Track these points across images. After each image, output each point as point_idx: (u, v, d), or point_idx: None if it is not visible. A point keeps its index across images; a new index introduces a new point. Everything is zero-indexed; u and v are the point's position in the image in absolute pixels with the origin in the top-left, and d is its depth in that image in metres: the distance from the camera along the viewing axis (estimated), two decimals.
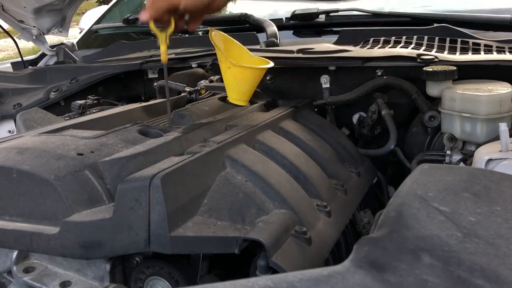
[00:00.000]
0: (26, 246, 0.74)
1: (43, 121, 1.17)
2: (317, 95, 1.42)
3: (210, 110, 1.12)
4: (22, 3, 1.95)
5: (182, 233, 0.67)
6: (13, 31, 2.20)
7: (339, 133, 1.19)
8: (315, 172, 0.93)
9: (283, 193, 0.78)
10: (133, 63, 1.67)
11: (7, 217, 0.78)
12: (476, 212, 0.49)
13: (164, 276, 0.76)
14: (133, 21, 2.10)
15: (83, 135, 0.88)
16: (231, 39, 1.22)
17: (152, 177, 0.67)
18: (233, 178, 0.79)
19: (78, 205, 0.73)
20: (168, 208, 0.66)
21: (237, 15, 1.87)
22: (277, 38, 1.65)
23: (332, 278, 0.38)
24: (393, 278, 0.38)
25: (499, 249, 0.42)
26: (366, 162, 1.19)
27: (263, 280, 0.38)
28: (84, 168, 0.77)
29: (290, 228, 0.73)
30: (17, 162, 0.77)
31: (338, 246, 0.88)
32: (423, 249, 0.42)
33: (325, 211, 0.84)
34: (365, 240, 0.44)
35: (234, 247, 0.66)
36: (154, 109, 1.22)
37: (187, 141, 0.88)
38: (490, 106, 1.03)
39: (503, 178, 0.58)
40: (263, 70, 1.16)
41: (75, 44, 2.28)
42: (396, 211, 0.49)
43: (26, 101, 1.64)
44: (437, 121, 1.20)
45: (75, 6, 2.12)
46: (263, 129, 0.99)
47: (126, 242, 0.68)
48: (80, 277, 0.81)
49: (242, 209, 0.73)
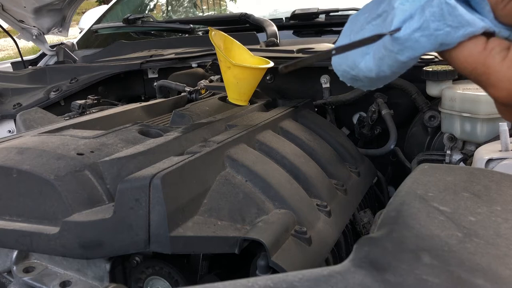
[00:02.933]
0: (26, 246, 0.74)
1: (43, 121, 1.17)
2: (317, 95, 1.42)
3: (210, 110, 1.12)
4: (22, 3, 1.95)
5: (182, 233, 0.67)
6: (13, 31, 2.21)
7: (339, 133, 1.19)
8: (315, 172, 0.93)
9: (283, 193, 0.78)
10: (133, 63, 1.67)
11: (7, 217, 0.78)
12: (476, 212, 0.49)
13: (164, 276, 0.76)
14: (133, 21, 2.10)
15: (83, 135, 0.88)
16: (231, 39, 1.22)
17: (152, 177, 0.67)
18: (233, 178, 0.79)
19: (78, 205, 0.73)
20: (168, 208, 0.66)
21: (237, 15, 1.87)
22: (277, 38, 1.65)
23: (332, 278, 0.38)
24: (393, 278, 0.38)
25: (499, 249, 0.42)
26: (366, 162, 1.19)
27: (263, 280, 0.38)
28: (84, 168, 0.77)
29: (290, 228, 0.73)
30: (17, 162, 0.77)
31: (338, 246, 0.88)
32: (423, 249, 0.42)
33: (325, 211, 0.84)
34: (365, 240, 0.44)
35: (234, 247, 0.66)
36: (154, 109, 1.23)
37: (187, 141, 0.88)
38: (490, 106, 1.03)
39: (503, 178, 0.58)
40: (263, 70, 1.16)
41: (75, 44, 2.29)
42: (396, 211, 0.49)
43: (26, 101, 1.64)
44: (437, 121, 1.20)
45: (75, 6, 2.12)
46: (263, 129, 0.99)
47: (126, 242, 0.68)
48: (80, 277, 0.81)
49: (242, 209, 0.73)
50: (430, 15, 0.36)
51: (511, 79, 0.36)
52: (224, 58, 1.12)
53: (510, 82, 0.36)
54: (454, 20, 0.36)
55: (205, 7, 2.78)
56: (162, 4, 2.78)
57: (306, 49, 1.40)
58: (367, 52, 0.42)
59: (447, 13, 0.36)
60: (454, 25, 0.36)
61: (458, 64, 0.38)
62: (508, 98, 0.36)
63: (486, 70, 0.36)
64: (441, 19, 0.36)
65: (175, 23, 2.10)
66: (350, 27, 0.44)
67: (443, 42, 0.37)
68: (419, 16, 0.37)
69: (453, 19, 0.36)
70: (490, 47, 0.36)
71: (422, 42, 0.38)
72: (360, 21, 0.43)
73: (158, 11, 2.75)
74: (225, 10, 2.71)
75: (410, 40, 0.37)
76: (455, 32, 0.36)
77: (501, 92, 0.36)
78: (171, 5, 2.75)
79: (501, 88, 0.36)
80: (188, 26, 2.03)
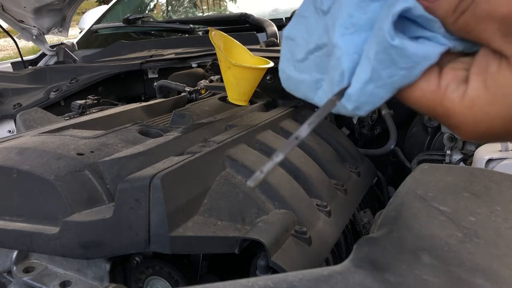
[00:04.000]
0: (26, 246, 0.74)
1: (43, 121, 1.17)
2: None
3: (210, 110, 1.12)
4: (22, 3, 1.95)
5: (182, 233, 0.67)
6: (13, 31, 2.21)
7: (339, 133, 1.19)
8: (315, 172, 0.93)
9: (283, 193, 0.78)
10: (133, 63, 1.67)
11: (7, 217, 0.78)
12: (476, 212, 0.49)
13: (164, 276, 0.76)
14: (133, 21, 2.10)
15: (83, 135, 0.88)
16: (231, 39, 1.22)
17: (152, 177, 0.67)
18: (233, 178, 0.79)
19: (78, 205, 0.73)
20: (168, 208, 0.66)
21: (237, 15, 1.87)
22: (277, 38, 1.65)
23: (332, 278, 0.38)
24: (393, 278, 0.38)
25: (499, 249, 0.42)
26: (366, 162, 1.19)
27: (263, 280, 0.38)
28: (84, 168, 0.77)
29: (290, 228, 0.73)
30: (17, 162, 0.77)
31: (338, 246, 0.88)
32: (423, 249, 0.42)
33: (325, 211, 0.84)
34: (365, 240, 0.44)
35: (234, 247, 0.66)
36: (154, 109, 1.22)
37: (187, 141, 0.88)
38: None
39: (503, 178, 0.58)
40: (263, 70, 1.16)
41: (75, 44, 2.29)
42: (396, 211, 0.49)
43: (26, 101, 1.64)
44: (437, 121, 1.20)
45: (75, 6, 2.12)
46: (263, 129, 0.99)
47: (126, 242, 0.68)
48: (80, 277, 0.81)
49: (242, 209, 0.73)
50: (378, 62, 0.31)
51: (475, 121, 0.30)
52: (224, 58, 1.11)
53: (475, 125, 0.30)
54: (407, 60, 0.31)
55: (205, 7, 2.78)
56: (162, 4, 2.78)
57: None
58: (317, 86, 0.36)
59: (396, 56, 0.30)
60: (409, 66, 0.31)
61: (414, 105, 0.33)
62: (477, 139, 0.31)
63: (445, 112, 0.31)
64: (391, 64, 0.31)
65: (175, 23, 2.10)
66: (290, 50, 0.38)
67: (401, 87, 0.32)
68: (366, 64, 0.32)
69: (405, 60, 0.31)
70: (444, 85, 0.31)
71: (378, 94, 0.32)
72: (300, 45, 0.37)
73: (158, 11, 2.75)
74: (225, 10, 2.71)
75: (364, 94, 0.32)
76: (412, 73, 0.31)
77: (468, 135, 0.31)
78: (171, 5, 2.75)
79: (467, 131, 0.31)
80: (188, 26, 2.03)
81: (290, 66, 0.38)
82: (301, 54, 0.37)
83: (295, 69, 0.38)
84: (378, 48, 0.31)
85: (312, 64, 0.36)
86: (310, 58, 0.36)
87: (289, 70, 0.38)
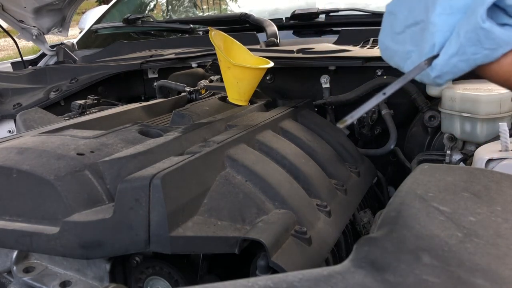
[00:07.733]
0: (26, 246, 0.74)
1: (43, 121, 1.17)
2: (317, 95, 1.42)
3: (210, 110, 1.12)
4: (22, 3, 1.95)
5: (182, 233, 0.67)
6: (13, 31, 2.21)
7: (339, 133, 1.19)
8: (315, 172, 0.93)
9: (283, 193, 0.78)
10: (133, 63, 1.67)
11: (7, 217, 0.78)
12: (476, 212, 0.49)
13: (164, 276, 0.76)
14: (133, 21, 2.10)
15: (83, 135, 0.88)
16: (231, 39, 1.22)
17: (152, 177, 0.67)
18: (233, 178, 0.79)
19: (78, 205, 0.73)
20: (168, 208, 0.66)
21: (237, 15, 1.87)
22: (277, 38, 1.65)
23: (332, 278, 0.38)
24: (393, 278, 0.38)
25: (499, 249, 0.42)
26: (366, 162, 1.19)
27: (263, 280, 0.38)
28: (84, 168, 0.77)
29: (290, 228, 0.73)
30: (17, 162, 0.77)
31: (338, 246, 0.88)
32: (423, 249, 0.42)
33: (325, 211, 0.84)
34: (365, 240, 0.44)
35: (234, 247, 0.66)
36: (154, 109, 1.22)
37: (187, 141, 0.88)
38: (490, 106, 1.03)
39: (503, 178, 0.58)
40: (263, 70, 1.16)
41: (75, 44, 2.28)
42: (396, 211, 0.49)
43: (26, 101, 1.64)
44: (437, 121, 1.20)
45: (75, 6, 2.12)
46: (263, 129, 0.99)
47: (126, 242, 0.68)
48: (80, 277, 0.81)
49: (242, 209, 0.73)
50: (466, 40, 0.36)
51: None
52: (224, 58, 1.12)
53: None
54: (492, 43, 0.36)
55: (205, 7, 2.78)
56: (162, 4, 2.78)
57: (306, 49, 1.40)
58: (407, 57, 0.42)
59: (483, 37, 0.36)
60: (492, 47, 0.36)
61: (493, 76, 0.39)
62: None
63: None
64: (478, 43, 0.36)
65: (175, 23, 2.10)
66: (391, 23, 0.44)
67: (481, 64, 0.38)
68: (455, 40, 0.37)
69: (490, 42, 0.36)
70: None
71: (460, 67, 0.38)
72: (400, 19, 0.43)
73: (158, 11, 2.75)
74: (225, 10, 2.71)
75: (447, 65, 0.38)
76: (493, 53, 0.37)
77: None
78: (171, 5, 2.75)
79: None
80: (188, 26, 2.03)
81: (388, 38, 0.44)
82: (400, 28, 0.43)
83: (392, 40, 0.44)
84: (469, 27, 0.36)
85: (407, 37, 0.42)
86: (406, 31, 0.42)
87: (387, 41, 0.44)
